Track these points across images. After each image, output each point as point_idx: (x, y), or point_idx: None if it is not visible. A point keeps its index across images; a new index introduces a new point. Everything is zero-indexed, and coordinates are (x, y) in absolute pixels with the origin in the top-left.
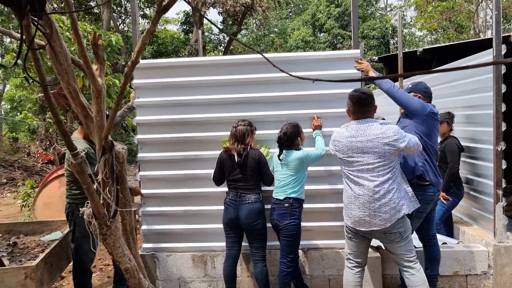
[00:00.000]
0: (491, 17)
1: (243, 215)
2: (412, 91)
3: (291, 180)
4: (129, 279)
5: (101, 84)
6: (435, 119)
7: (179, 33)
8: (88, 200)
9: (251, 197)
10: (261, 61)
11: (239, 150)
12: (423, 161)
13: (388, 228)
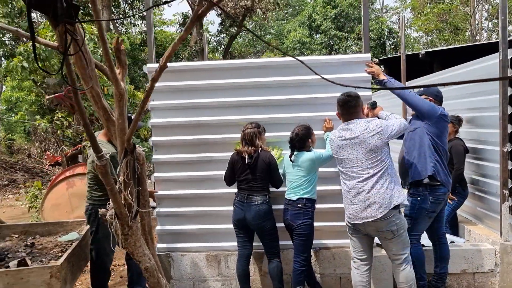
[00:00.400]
0: (486, 19)
1: (250, 217)
2: (424, 94)
3: (304, 181)
4: (148, 278)
5: (124, 87)
6: (445, 121)
7: (176, 34)
8: (110, 201)
9: (257, 198)
10: (273, 65)
11: (250, 152)
12: (434, 162)
13: (381, 225)
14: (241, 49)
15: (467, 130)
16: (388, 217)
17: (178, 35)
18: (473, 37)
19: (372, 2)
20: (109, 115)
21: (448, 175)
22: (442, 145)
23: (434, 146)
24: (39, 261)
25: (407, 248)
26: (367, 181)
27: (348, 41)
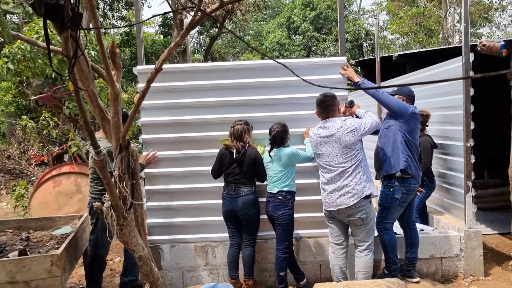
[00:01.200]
0: (458, 21)
1: (239, 207)
2: (397, 94)
3: (282, 175)
4: (142, 266)
5: (119, 88)
6: (416, 119)
7: (156, 34)
8: (106, 194)
9: (244, 190)
10: (256, 67)
11: (238, 147)
12: (406, 157)
13: (352, 212)
14: (221, 50)
15: (435, 127)
16: (360, 206)
17: (174, 41)
18: (445, 40)
19: (350, 4)
20: (104, 113)
21: (418, 168)
22: (414, 141)
23: (406, 142)
24: (37, 252)
25: (372, 236)
26: (342, 173)
27: (326, 43)
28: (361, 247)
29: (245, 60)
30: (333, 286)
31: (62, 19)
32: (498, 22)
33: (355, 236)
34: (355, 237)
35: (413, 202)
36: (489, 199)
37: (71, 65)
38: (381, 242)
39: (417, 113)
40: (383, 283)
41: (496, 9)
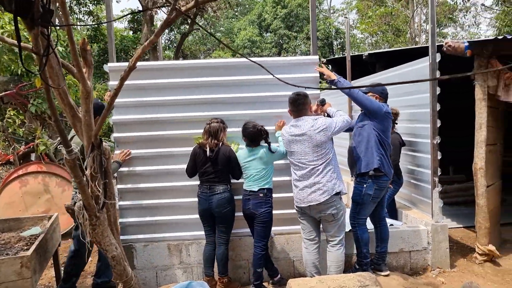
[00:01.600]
0: (425, 21)
1: (214, 205)
2: (371, 92)
3: (264, 173)
4: (115, 266)
5: (90, 86)
6: (389, 118)
7: (125, 30)
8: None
9: (220, 188)
10: (229, 65)
11: (212, 145)
12: (380, 156)
13: (323, 208)
14: (192, 47)
15: (404, 125)
16: (330, 202)
17: (148, 40)
18: (413, 39)
19: (320, 3)
20: (75, 111)
21: (390, 166)
22: (387, 139)
23: (380, 141)
24: (5, 254)
25: (343, 231)
26: (313, 170)
27: (297, 41)
28: (333, 242)
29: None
30: (307, 281)
31: (32, 15)
32: (462, 23)
33: (326, 232)
34: (327, 232)
35: (384, 198)
36: (455, 194)
37: (41, 62)
38: (354, 237)
39: (390, 112)
40: (354, 277)
41: (460, 10)
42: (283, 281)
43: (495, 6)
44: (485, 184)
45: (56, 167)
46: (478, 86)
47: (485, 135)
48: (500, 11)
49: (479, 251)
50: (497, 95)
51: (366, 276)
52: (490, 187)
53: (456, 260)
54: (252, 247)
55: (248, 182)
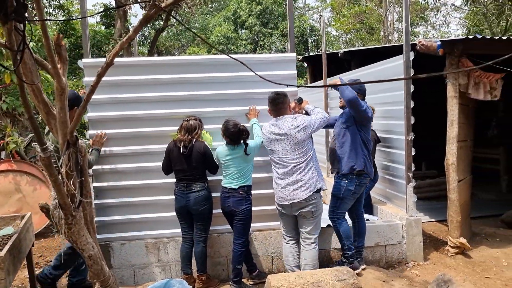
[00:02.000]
0: (397, 20)
1: (192, 203)
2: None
3: (246, 170)
4: (92, 265)
5: (65, 82)
6: (371, 118)
7: (97, 25)
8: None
9: (197, 186)
10: (206, 62)
11: (185, 141)
12: (364, 157)
13: (304, 205)
14: (166, 43)
15: (379, 122)
16: (311, 199)
17: (127, 36)
18: (386, 37)
19: (295, 0)
20: (50, 108)
21: (371, 165)
22: (369, 139)
23: (364, 141)
24: None
25: (318, 230)
26: (295, 168)
27: (272, 37)
28: (309, 240)
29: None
30: (286, 276)
31: (5, 9)
32: (433, 22)
33: (303, 229)
34: (303, 229)
35: (362, 194)
36: (427, 189)
37: (16, 58)
38: (336, 231)
39: (371, 111)
40: (332, 271)
41: (431, 10)
42: (262, 275)
43: (464, 6)
44: (456, 179)
45: (27, 166)
46: (450, 84)
47: (456, 131)
48: (469, 11)
49: (451, 244)
50: (467, 93)
51: (343, 270)
52: (461, 181)
53: (429, 253)
54: (230, 244)
55: (228, 180)
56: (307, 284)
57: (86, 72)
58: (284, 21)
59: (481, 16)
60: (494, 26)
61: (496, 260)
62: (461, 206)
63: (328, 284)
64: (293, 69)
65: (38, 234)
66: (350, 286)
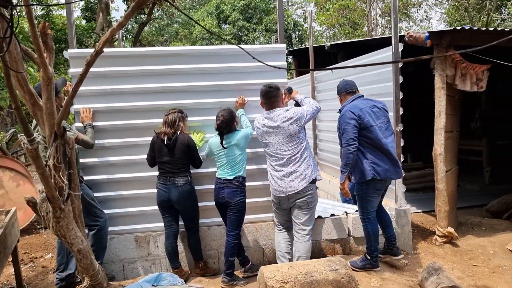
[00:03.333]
0: (380, 15)
1: (174, 197)
2: (339, 96)
3: (240, 160)
4: (81, 260)
5: (52, 72)
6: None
7: (77, 19)
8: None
9: (179, 180)
10: (193, 53)
11: (169, 133)
12: (371, 165)
13: (300, 196)
14: (149, 37)
15: None
16: (307, 190)
17: (117, 22)
18: (369, 32)
19: None
20: (36, 99)
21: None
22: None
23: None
24: None
25: (312, 222)
26: (290, 160)
27: (256, 32)
28: (303, 231)
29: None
30: (279, 267)
31: None
32: (415, 17)
33: (297, 220)
34: (298, 220)
35: (385, 189)
36: (413, 181)
37: (1, 46)
38: (365, 231)
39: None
40: (324, 262)
41: (413, 5)
42: (255, 267)
43: (445, 1)
44: (444, 169)
45: (9, 161)
46: (438, 75)
47: (444, 122)
48: (450, 6)
49: (439, 233)
50: (454, 84)
51: (336, 260)
52: (449, 172)
53: (418, 243)
54: (221, 236)
55: (223, 170)
56: (300, 275)
57: (72, 63)
58: (267, 16)
59: (463, 11)
60: (476, 20)
61: (483, 248)
62: (448, 196)
63: (321, 274)
64: (283, 60)
65: (22, 231)
66: (343, 275)
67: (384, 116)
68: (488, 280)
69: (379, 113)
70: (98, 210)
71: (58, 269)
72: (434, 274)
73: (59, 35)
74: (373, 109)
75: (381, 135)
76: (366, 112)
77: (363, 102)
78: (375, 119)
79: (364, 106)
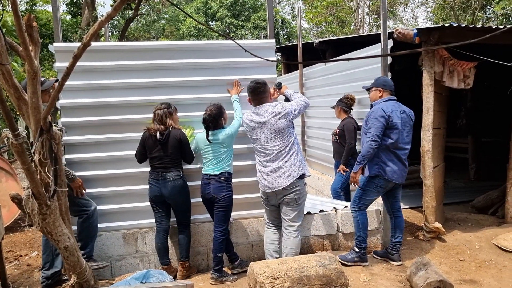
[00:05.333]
0: (367, 14)
1: (167, 192)
2: (374, 86)
3: (225, 156)
4: (68, 257)
5: (37, 65)
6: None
7: (62, 14)
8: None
9: (172, 174)
10: (181, 48)
11: (161, 129)
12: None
13: (288, 192)
14: (135, 33)
15: (356, 110)
16: (295, 185)
17: (106, 14)
18: (357, 30)
19: None
20: (21, 93)
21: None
22: (406, 141)
23: (388, 147)
24: None
25: (301, 218)
26: (277, 155)
27: (244, 29)
28: (292, 228)
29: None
30: (269, 263)
31: None
32: (402, 16)
33: (286, 216)
34: (286, 217)
35: (397, 191)
36: None
37: None
38: (354, 221)
39: (383, 115)
40: (314, 257)
41: (400, 4)
42: (244, 263)
43: (431, 0)
44: (432, 165)
45: None
46: (426, 72)
47: (431, 118)
48: (436, 5)
49: (427, 229)
50: (442, 81)
51: (325, 256)
52: (436, 168)
53: (405, 238)
54: (210, 233)
55: (209, 166)
56: (290, 270)
57: (58, 57)
58: (255, 13)
59: (449, 10)
60: (461, 19)
61: (469, 243)
62: (435, 192)
63: (311, 269)
64: (273, 55)
65: (6, 229)
66: (332, 271)
67: (409, 124)
68: (475, 275)
69: (406, 119)
70: (85, 200)
71: (44, 267)
72: (423, 269)
73: (43, 30)
74: (402, 114)
75: (402, 140)
76: (396, 115)
77: (395, 105)
78: (401, 124)
79: (396, 109)
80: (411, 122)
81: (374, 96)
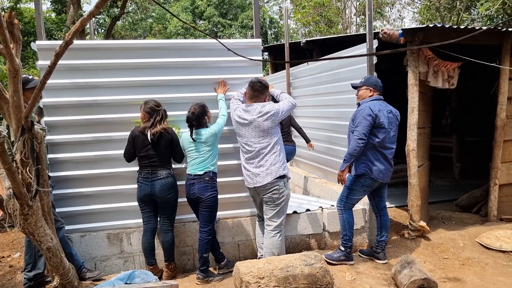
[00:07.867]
0: (355, 14)
1: (157, 190)
2: (364, 85)
3: (209, 155)
4: (51, 258)
5: (19, 64)
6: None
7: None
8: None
9: (162, 172)
10: (167, 47)
11: (149, 127)
12: (366, 162)
13: (265, 190)
14: (122, 32)
15: (342, 110)
16: (273, 185)
17: (88, 11)
18: (344, 30)
19: None
20: (1, 92)
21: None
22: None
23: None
24: None
25: (282, 217)
26: (259, 153)
27: (232, 29)
28: (269, 227)
29: None
30: (255, 263)
31: None
32: (389, 16)
33: (265, 215)
34: (266, 215)
35: (383, 190)
36: None
37: None
38: (340, 220)
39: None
40: (300, 256)
41: (387, 4)
42: (230, 263)
43: (417, 0)
44: (417, 164)
45: None
46: (411, 72)
47: (416, 118)
48: (422, 6)
49: (412, 227)
50: (427, 81)
51: (311, 255)
52: (421, 167)
53: (391, 237)
54: (196, 233)
55: (193, 166)
56: (276, 270)
57: (41, 55)
58: (243, 12)
59: (434, 11)
60: (447, 20)
61: (453, 241)
62: (420, 191)
63: (296, 269)
64: (259, 55)
65: None
66: (318, 270)
67: (395, 124)
68: (458, 272)
69: (392, 119)
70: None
71: (26, 268)
72: (407, 267)
73: (27, 28)
74: (389, 114)
75: (388, 139)
76: (383, 115)
77: (382, 105)
78: (388, 124)
79: (383, 109)
80: (397, 122)
81: (363, 94)
